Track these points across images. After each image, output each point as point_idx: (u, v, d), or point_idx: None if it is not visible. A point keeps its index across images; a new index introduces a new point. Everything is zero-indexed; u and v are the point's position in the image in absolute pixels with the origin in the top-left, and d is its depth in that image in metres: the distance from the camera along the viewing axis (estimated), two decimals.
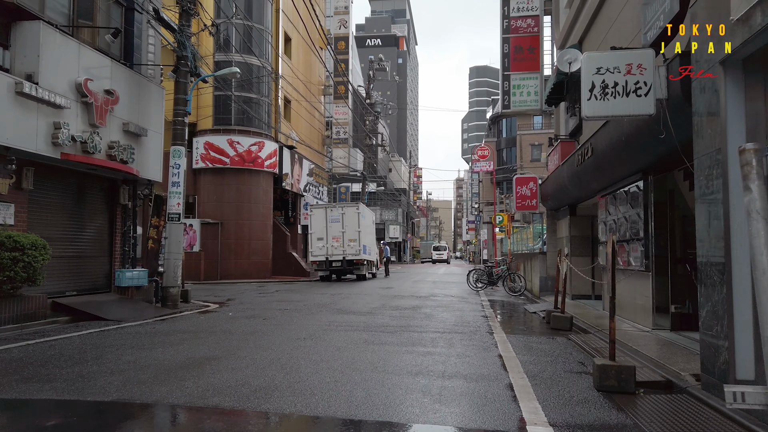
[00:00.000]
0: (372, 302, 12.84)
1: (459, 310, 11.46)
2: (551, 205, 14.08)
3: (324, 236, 22.21)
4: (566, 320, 8.85)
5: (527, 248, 19.09)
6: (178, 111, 11.71)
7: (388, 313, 10.46)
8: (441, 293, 16.14)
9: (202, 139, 23.29)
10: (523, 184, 14.68)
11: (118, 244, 11.39)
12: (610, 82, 5.55)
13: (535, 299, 14.61)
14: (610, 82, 5.55)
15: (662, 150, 6.28)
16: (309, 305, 12.02)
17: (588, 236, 12.84)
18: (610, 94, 5.54)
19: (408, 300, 13.58)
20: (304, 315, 10.05)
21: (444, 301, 13.66)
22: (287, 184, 26.33)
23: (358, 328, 8.21)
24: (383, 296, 14.64)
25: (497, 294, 16.77)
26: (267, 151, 24.16)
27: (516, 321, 10.31)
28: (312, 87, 31.08)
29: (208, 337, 7.31)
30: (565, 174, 10.97)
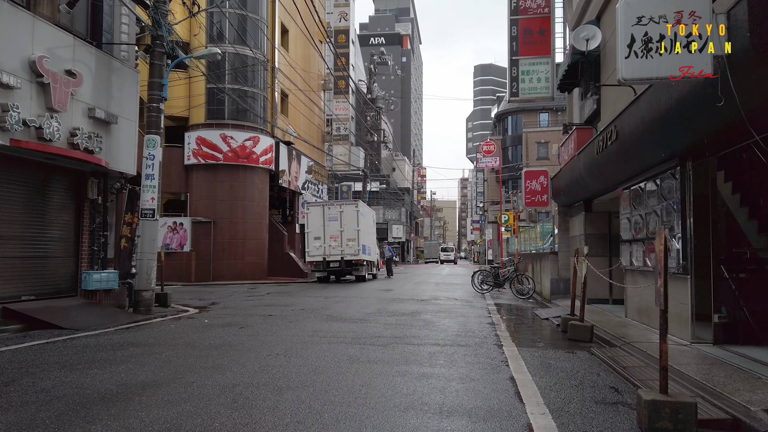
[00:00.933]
0: (367, 306, 11.71)
1: (463, 316, 10.32)
2: (564, 200, 12.91)
3: (321, 235, 21.10)
4: (586, 330, 7.69)
5: (535, 248, 17.91)
6: (153, 96, 10.61)
7: (383, 320, 9.32)
8: (444, 296, 14.99)
9: (194, 133, 22.23)
10: (532, 178, 13.51)
11: (86, 243, 10.30)
12: (655, 34, 4.40)
13: (546, 303, 13.44)
14: (654, 34, 4.41)
15: (711, 125, 5.13)
16: (297, 310, 10.90)
17: (605, 234, 11.66)
18: (654, 49, 4.40)
19: (407, 304, 12.44)
20: (287, 322, 8.92)
21: (446, 305, 12.51)
22: (284, 182, 25.24)
23: (345, 340, 7.08)
24: (381, 299, 13.50)
25: (504, 297, 15.60)
26: (262, 147, 23.06)
27: (527, 329, 9.15)
28: (311, 81, 30.00)
29: (163, 352, 6.20)
30: (581, 165, 9.81)
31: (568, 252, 13.61)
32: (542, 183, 13.44)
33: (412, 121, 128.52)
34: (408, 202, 62.61)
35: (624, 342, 6.97)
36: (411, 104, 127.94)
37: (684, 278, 6.49)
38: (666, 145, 6.36)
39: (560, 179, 12.27)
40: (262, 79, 23.56)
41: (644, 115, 6.37)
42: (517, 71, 13.38)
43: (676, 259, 6.66)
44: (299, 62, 28.18)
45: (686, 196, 6.40)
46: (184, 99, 22.71)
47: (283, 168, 25.04)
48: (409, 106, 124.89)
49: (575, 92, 12.99)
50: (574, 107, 12.87)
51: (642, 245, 8.00)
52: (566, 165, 11.23)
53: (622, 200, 8.91)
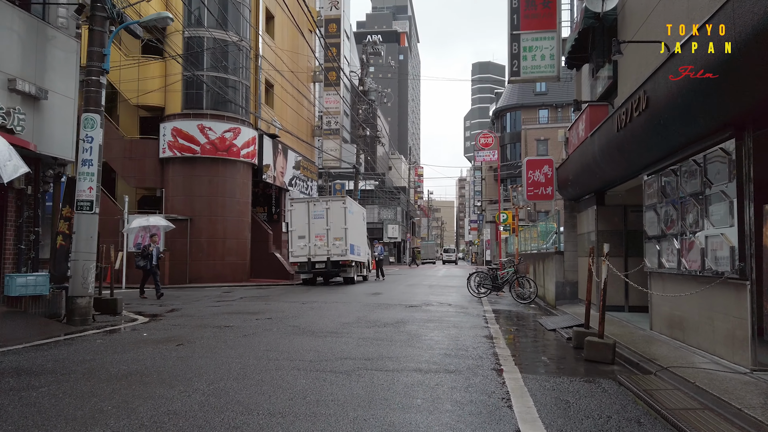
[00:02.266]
0: (347, 314, 10.16)
1: (455, 327, 8.77)
2: (571, 193, 11.38)
3: (306, 234, 19.55)
4: (607, 349, 6.15)
5: (537, 248, 16.37)
6: (92, 68, 9.04)
7: (359, 334, 7.77)
8: (436, 301, 13.45)
9: (170, 124, 20.65)
10: (535, 168, 11.97)
11: (10, 240, 8.73)
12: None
13: (551, 310, 11.91)
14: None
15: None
16: (263, 320, 9.34)
17: (620, 231, 10.13)
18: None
19: (393, 311, 10.88)
20: (241, 337, 7.36)
21: (438, 312, 10.97)
22: (269, 177, 23.67)
23: (301, 365, 5.53)
24: (365, 305, 11.95)
25: (503, 302, 14.06)
26: (244, 139, 21.50)
27: (532, 345, 7.61)
28: (300, 73, 28.43)
29: (42, 386, 4.63)
30: (594, 148, 8.27)
31: (575, 252, 12.08)
32: (546, 174, 11.90)
33: (409, 120, 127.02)
34: (404, 201, 61.05)
35: (658, 366, 5.43)
36: (408, 103, 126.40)
37: (741, 285, 4.96)
38: (719, 108, 4.82)
39: (567, 168, 10.73)
40: (245, 68, 22.00)
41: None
42: (519, 47, 11.85)
43: (727, 260, 5.13)
44: (286, 51, 26.63)
45: (744, 176, 4.86)
46: (160, 87, 21.13)
47: (267, 162, 23.47)
48: (406, 104, 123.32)
49: (584, 70, 11.46)
50: (584, 86, 11.33)
51: (674, 242, 6.46)
52: (575, 150, 9.69)
53: (646, 188, 7.37)
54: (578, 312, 10.47)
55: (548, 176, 11.90)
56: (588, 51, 10.35)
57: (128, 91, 20.91)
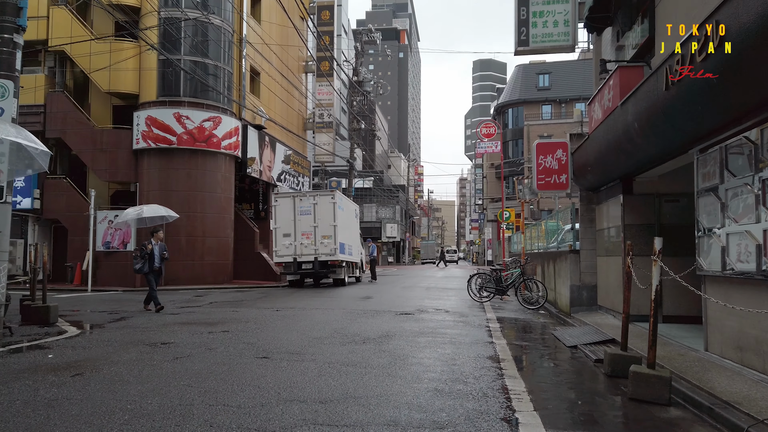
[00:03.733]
0: (323, 325, 8.44)
1: (452, 343, 7.06)
2: (590, 180, 9.66)
3: (291, 232, 17.85)
4: (662, 385, 4.42)
5: (542, 247, 14.66)
6: (5, 25, 7.33)
7: (328, 355, 6.05)
8: (432, 306, 11.73)
9: (144, 113, 18.95)
10: (547, 153, 10.24)
11: None
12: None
13: (565, 318, 10.19)
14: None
15: None
16: (217, 333, 7.63)
17: (651, 225, 8.42)
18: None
19: (381, 320, 9.16)
20: (170, 362, 5.65)
21: (433, 321, 9.25)
22: (254, 171, 21.95)
23: (219, 417, 3.81)
24: (349, 312, 10.24)
25: (508, 307, 12.35)
26: (225, 129, 19.79)
27: (553, 373, 5.89)
28: (290, 62, 26.72)
29: None
30: (628, 118, 6.55)
31: (593, 250, 10.36)
32: (560, 159, 10.17)
33: (409, 118, 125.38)
34: (403, 199, 59.34)
35: (747, 416, 3.71)
36: (408, 101, 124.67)
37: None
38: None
39: (587, 150, 9.00)
40: (227, 53, 20.30)
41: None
42: (527, 13, 10.16)
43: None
44: (275, 38, 24.90)
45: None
46: (134, 72, 19.44)
47: (252, 155, 21.76)
48: (406, 103, 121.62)
49: (606, 36, 9.72)
50: (607, 51, 9.58)
51: (748, 236, 4.75)
52: (599, 127, 7.96)
53: (700, 166, 5.65)
54: (600, 322, 8.76)
55: (562, 162, 10.17)
56: (611, 11, 8.64)
57: (100, 77, 19.23)
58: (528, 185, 14.64)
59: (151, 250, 10.75)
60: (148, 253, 10.71)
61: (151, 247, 10.79)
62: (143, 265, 10.68)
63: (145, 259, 10.68)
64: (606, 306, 9.69)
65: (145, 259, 10.68)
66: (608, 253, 9.63)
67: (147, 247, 10.75)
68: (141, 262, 10.68)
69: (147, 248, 10.74)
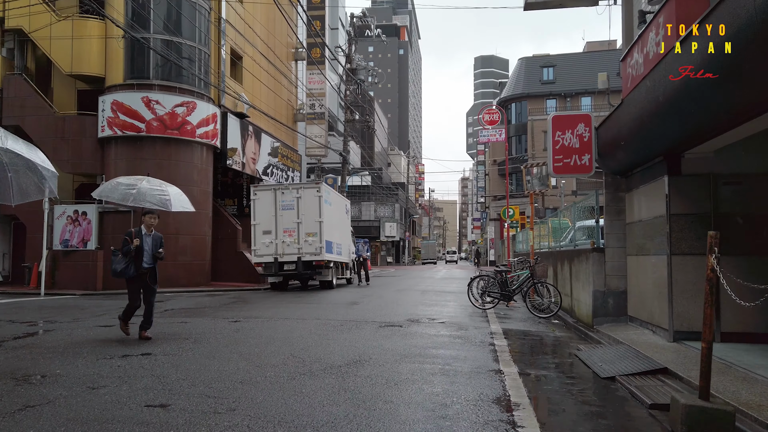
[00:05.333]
0: (280, 346, 6.57)
1: (445, 374, 5.17)
2: (621, 161, 7.75)
3: (272, 229, 15.97)
4: None
5: (549, 246, 12.77)
6: None
7: (257, 401, 4.17)
8: (426, 315, 9.84)
9: (110, 97, 17.12)
10: (566, 128, 8.32)
11: None
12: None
13: (586, 330, 8.31)
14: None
15: None
16: (133, 359, 5.77)
17: (705, 215, 6.53)
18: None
19: (359, 335, 7.28)
20: None
21: (424, 336, 7.36)
22: (235, 163, 20.11)
23: None
24: (323, 325, 8.36)
25: (516, 315, 10.47)
26: (201, 116, 17.93)
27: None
28: (278, 47, 24.85)
29: None
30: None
31: (621, 248, 8.46)
32: (582, 135, 8.25)
33: (410, 116, 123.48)
34: (403, 197, 57.43)
35: None
36: (409, 99, 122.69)
37: None
38: None
39: (620, 120, 7.09)
40: (204, 33, 18.44)
41: None
42: None
43: None
44: (261, 21, 23.04)
45: None
46: (99, 53, 17.59)
47: (233, 146, 19.91)
48: (406, 101, 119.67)
49: None
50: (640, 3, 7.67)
51: None
52: (640, 84, 6.06)
53: None
54: (636, 340, 6.85)
55: (585, 139, 8.25)
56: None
57: (62, 58, 17.40)
58: (537, 175, 12.73)
59: (137, 246, 6.87)
60: (133, 248, 6.86)
61: (138, 241, 6.87)
62: (126, 266, 6.88)
63: (129, 256, 6.87)
64: (640, 317, 7.79)
65: (129, 256, 6.87)
66: (642, 252, 7.73)
67: (132, 239, 6.86)
68: (123, 261, 6.88)
69: (132, 240, 6.86)
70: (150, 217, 7.15)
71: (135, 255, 6.90)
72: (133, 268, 6.94)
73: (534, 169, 13.36)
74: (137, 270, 6.95)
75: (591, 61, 50.84)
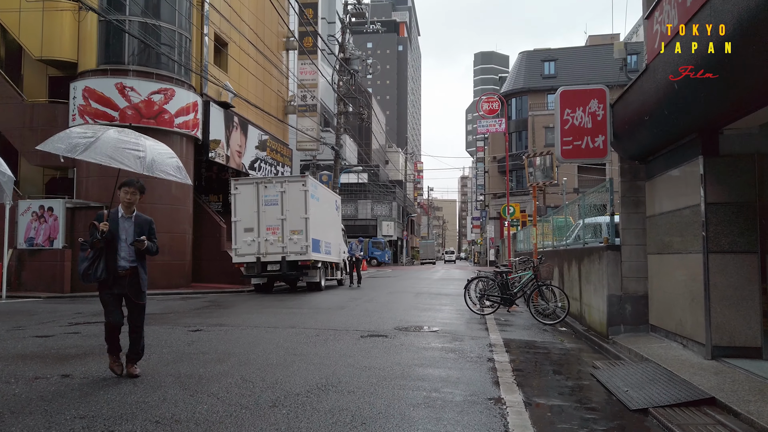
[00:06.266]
0: (234, 365, 5.41)
1: (430, 407, 4.01)
2: (642, 141, 6.58)
3: (254, 226, 14.82)
4: None
5: (562, 243, 11.62)
6: None
7: None
8: (417, 322, 8.69)
9: (82, 83, 15.95)
10: (576, 105, 7.15)
11: None
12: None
13: (600, 341, 7.16)
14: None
15: None
16: (22, 382, 4.60)
17: (748, 205, 5.36)
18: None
19: (334, 348, 6.12)
20: None
21: (412, 349, 6.20)
22: (218, 156, 18.94)
23: None
24: (297, 334, 7.20)
25: (518, 322, 9.31)
26: (179, 104, 16.75)
27: None
28: (268, 36, 23.66)
29: None
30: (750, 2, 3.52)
31: (641, 246, 7.31)
32: (595, 114, 7.08)
33: (409, 112, 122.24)
34: (400, 195, 56.24)
35: None
36: (408, 96, 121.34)
37: None
38: None
39: (643, 92, 5.92)
40: (185, 17, 17.26)
41: None
42: None
43: None
44: (250, 8, 21.88)
45: None
46: (72, 36, 16.44)
47: (217, 137, 18.74)
48: (405, 98, 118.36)
49: None
50: None
51: None
52: (671, 41, 4.90)
53: None
54: (664, 355, 5.69)
55: (598, 118, 7.08)
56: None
57: (31, 42, 16.25)
58: (540, 166, 11.56)
59: (104, 234, 4.64)
60: (102, 237, 4.64)
61: (106, 226, 4.66)
62: (91, 263, 4.70)
63: (99, 248, 4.70)
64: (665, 327, 6.62)
65: (99, 248, 4.70)
66: (667, 249, 6.58)
67: (100, 224, 4.66)
68: (88, 257, 4.71)
69: (100, 226, 4.65)
70: (127, 191, 4.80)
71: (106, 247, 4.67)
72: (102, 268, 4.67)
73: (537, 159, 12.20)
74: (110, 270, 4.70)
75: (593, 56, 49.71)
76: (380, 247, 47.64)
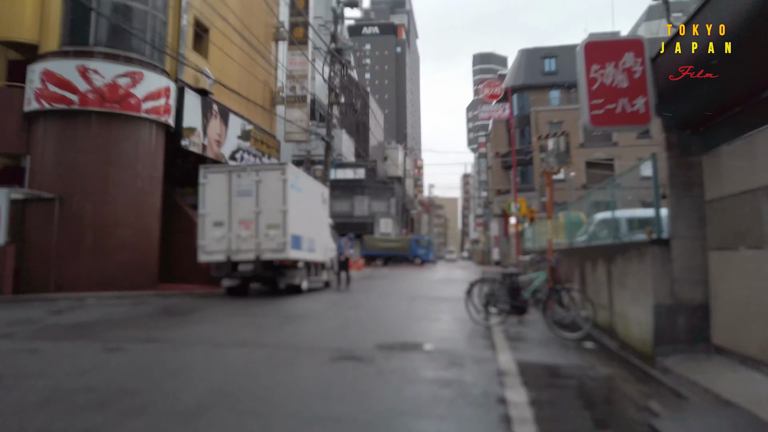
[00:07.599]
0: (104, 422, 3.63)
1: None
2: (705, 97, 4.80)
3: (225, 219, 13.08)
4: None
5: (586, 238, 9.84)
6: None
7: None
8: (407, 338, 6.92)
9: (40, 65, 14.20)
10: (605, 60, 5.40)
11: None
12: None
13: (643, 366, 5.39)
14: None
15: None
16: None
17: None
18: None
19: (289, 381, 4.38)
20: None
21: (393, 381, 4.44)
22: (193, 144, 17.13)
23: None
24: (245, 358, 5.45)
25: (533, 335, 7.53)
26: (149, 88, 14.95)
27: None
28: (256, 25, 21.86)
29: None
30: None
31: (699, 240, 5.54)
32: (631, 70, 5.32)
33: (408, 112, 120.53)
34: (399, 192, 54.44)
35: None
36: (407, 96, 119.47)
37: None
38: None
39: (720, 20, 4.14)
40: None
41: None
42: None
43: None
44: None
45: None
46: (33, 16, 14.66)
47: (192, 125, 16.95)
48: (404, 98, 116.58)
49: None
50: None
51: None
52: None
53: None
54: (750, 395, 3.89)
55: (636, 75, 5.32)
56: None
57: None
58: (553, 151, 9.79)
59: None
60: None
61: None
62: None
63: None
64: (739, 350, 4.84)
65: None
66: (741, 244, 4.80)
67: None
68: None
69: None
70: None
71: None
72: None
73: (549, 142, 10.40)
74: None
75: None
76: (423, 245, 45.47)
